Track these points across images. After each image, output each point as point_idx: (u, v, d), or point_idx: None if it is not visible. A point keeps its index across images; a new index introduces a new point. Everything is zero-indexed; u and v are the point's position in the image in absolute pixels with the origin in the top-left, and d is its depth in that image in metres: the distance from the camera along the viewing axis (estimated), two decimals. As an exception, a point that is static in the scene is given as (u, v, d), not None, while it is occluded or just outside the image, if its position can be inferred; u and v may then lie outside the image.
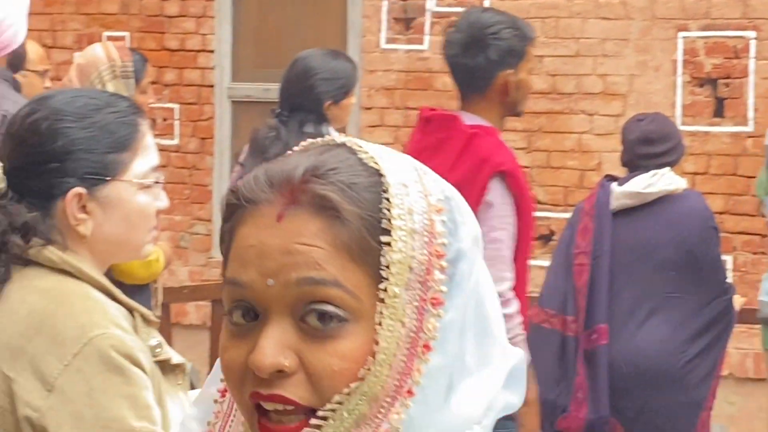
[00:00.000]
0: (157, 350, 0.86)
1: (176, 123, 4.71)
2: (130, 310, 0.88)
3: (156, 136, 1.17)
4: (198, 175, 4.70)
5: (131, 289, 1.81)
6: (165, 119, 4.69)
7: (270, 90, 3.68)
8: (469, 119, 1.80)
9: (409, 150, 1.71)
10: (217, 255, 1.99)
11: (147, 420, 0.77)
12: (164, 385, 0.85)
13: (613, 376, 1.67)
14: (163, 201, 0.93)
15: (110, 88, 2.30)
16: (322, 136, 0.81)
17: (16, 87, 2.41)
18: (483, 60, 1.79)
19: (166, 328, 2.48)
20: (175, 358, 0.91)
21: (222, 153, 4.63)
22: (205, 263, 4.60)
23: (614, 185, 1.84)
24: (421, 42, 4.35)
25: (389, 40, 4.43)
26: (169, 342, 1.29)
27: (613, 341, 1.71)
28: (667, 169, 1.77)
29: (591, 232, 1.77)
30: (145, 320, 0.89)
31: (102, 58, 2.48)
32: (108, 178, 0.85)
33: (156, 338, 0.89)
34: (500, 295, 1.22)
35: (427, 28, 4.33)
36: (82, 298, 0.83)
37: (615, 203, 1.81)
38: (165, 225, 3.81)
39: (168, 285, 3.14)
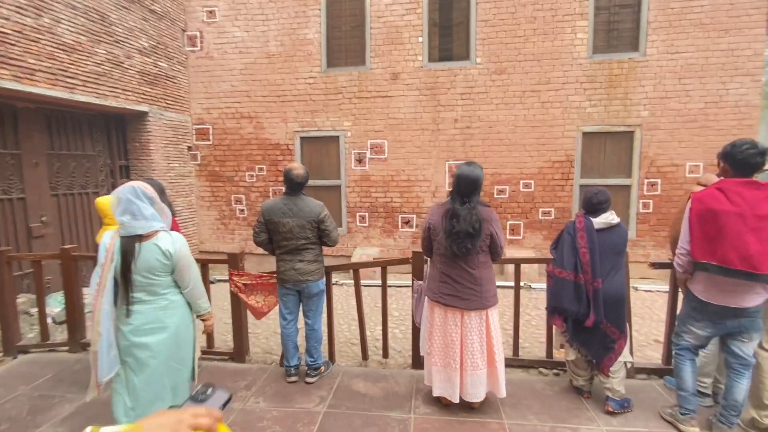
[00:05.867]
0: None
1: None
2: None
3: None
4: None
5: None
6: None
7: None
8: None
9: None
10: None
11: None
12: None
13: (604, 300, 3.63)
14: None
15: None
16: None
17: None
18: None
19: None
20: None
21: None
22: None
23: (591, 218, 3.99)
24: None
25: None
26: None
27: (603, 285, 3.72)
28: (612, 211, 3.94)
29: (585, 238, 3.88)
30: None
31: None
32: None
33: None
34: None
35: None
36: None
37: (596, 226, 3.93)
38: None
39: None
